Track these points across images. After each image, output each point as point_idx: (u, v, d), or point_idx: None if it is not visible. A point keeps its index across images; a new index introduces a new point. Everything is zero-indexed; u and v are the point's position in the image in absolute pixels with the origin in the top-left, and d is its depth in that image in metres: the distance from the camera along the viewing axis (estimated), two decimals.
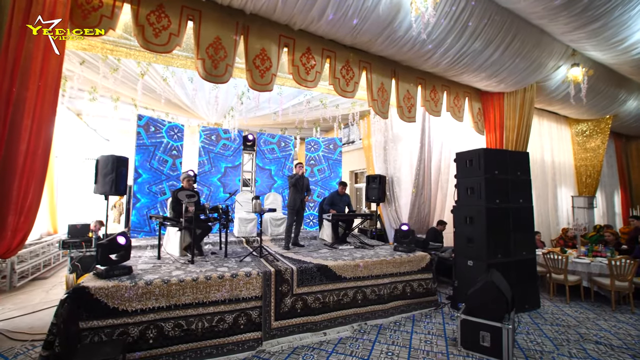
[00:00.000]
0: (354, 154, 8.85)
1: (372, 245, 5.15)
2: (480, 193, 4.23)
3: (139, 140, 5.09)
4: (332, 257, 4.11)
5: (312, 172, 7.00)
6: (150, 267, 3.37)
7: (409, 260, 4.32)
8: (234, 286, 3.15)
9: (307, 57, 4.64)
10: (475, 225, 4.26)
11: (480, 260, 4.18)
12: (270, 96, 6.10)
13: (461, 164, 4.59)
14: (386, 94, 5.39)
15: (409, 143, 6.51)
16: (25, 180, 2.93)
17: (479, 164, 4.28)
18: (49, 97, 3.08)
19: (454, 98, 6.20)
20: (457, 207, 4.61)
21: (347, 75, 4.99)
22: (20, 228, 2.94)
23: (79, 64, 4.63)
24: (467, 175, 4.49)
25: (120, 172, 4.43)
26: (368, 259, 4.04)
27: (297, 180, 4.84)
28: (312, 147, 7.08)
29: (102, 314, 2.63)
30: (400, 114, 5.58)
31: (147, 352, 2.74)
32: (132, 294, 2.75)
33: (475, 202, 4.30)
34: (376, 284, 3.99)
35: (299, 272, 3.51)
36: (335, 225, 5.32)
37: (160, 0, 3.70)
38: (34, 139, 2.98)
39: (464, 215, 4.45)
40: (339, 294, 3.71)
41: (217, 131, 6.11)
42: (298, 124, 7.56)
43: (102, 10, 3.44)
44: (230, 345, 3.05)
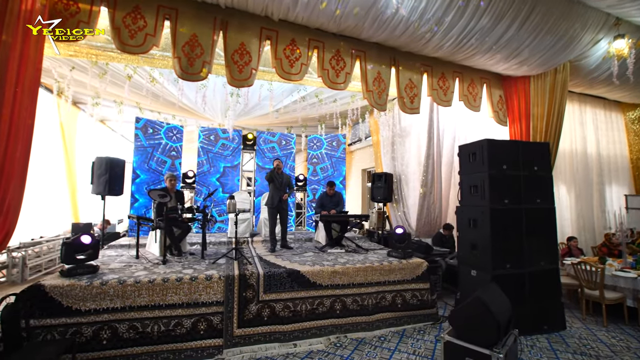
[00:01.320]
0: (365, 151, 8.38)
1: (366, 249, 4.74)
2: (483, 192, 3.63)
3: (136, 142, 5.28)
4: (312, 262, 3.82)
5: (314, 171, 6.74)
6: (121, 266, 3.39)
7: (400, 268, 3.87)
8: (192, 290, 3.03)
9: (291, 49, 4.40)
10: (479, 230, 3.67)
11: (484, 270, 3.59)
12: (268, 94, 5.98)
13: (464, 158, 4.01)
14: (384, 84, 4.94)
15: (417, 137, 5.95)
16: (4, 181, 3.09)
17: (482, 158, 3.68)
18: (26, 103, 3.23)
19: (468, 85, 5.50)
20: (460, 208, 4.03)
21: (337, 65, 4.65)
22: (4, 226, 3.11)
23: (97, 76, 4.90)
24: (469, 171, 3.91)
25: (114, 174, 4.59)
26: (350, 265, 3.68)
27: (273, 176, 4.62)
28: (314, 145, 6.82)
29: (56, 313, 2.66)
30: (401, 105, 5.08)
31: (101, 353, 2.72)
32: (86, 293, 2.75)
33: (479, 203, 3.71)
34: (358, 293, 3.61)
35: (266, 277, 3.29)
36: (328, 227, 5.00)
37: (136, 2, 3.72)
38: (12, 143, 3.14)
39: (467, 217, 3.87)
40: (313, 302, 3.40)
41: (215, 131, 6.14)
42: (302, 122, 7.35)
43: (79, 16, 3.54)
44: (189, 352, 2.93)
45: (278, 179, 4.68)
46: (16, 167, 3.20)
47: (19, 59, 3.16)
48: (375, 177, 6.33)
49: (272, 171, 4.59)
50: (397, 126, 6.40)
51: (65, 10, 3.50)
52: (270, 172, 4.57)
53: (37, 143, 5.49)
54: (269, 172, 4.60)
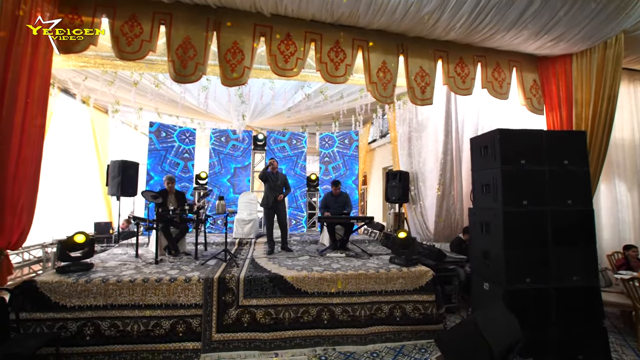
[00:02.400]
0: (387, 148, 7.88)
1: (369, 254, 4.38)
2: (496, 191, 3.09)
3: (150, 145, 5.56)
4: (302, 267, 3.60)
5: (326, 170, 6.50)
6: (116, 265, 3.53)
7: (399, 277, 3.47)
8: (171, 291, 3.02)
9: (286, 44, 4.24)
10: (492, 236, 3.14)
11: (497, 283, 3.05)
12: (281, 94, 5.90)
13: (475, 152, 3.48)
14: (390, 74, 4.54)
15: (434, 132, 5.39)
16: (17, 185, 3.40)
17: (493, 152, 3.14)
18: (35, 113, 3.52)
19: (493, 70, 4.82)
20: (472, 210, 3.50)
21: (336, 58, 4.38)
22: (16, 226, 3.42)
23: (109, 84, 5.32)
24: (481, 167, 3.37)
25: (127, 175, 4.86)
26: (340, 272, 3.39)
27: (267, 176, 4.48)
28: (326, 143, 6.58)
29: (45, 307, 2.82)
30: (411, 96, 4.62)
31: (84, 349, 2.82)
32: (72, 290, 2.88)
33: (491, 204, 3.17)
34: (349, 303, 3.31)
35: (247, 281, 3.16)
36: (331, 230, 4.74)
37: (133, 11, 3.86)
38: (24, 150, 3.44)
39: (479, 221, 3.35)
40: (298, 310, 3.19)
41: (226, 132, 6.23)
42: (317, 120, 7.17)
43: (83, 28, 3.78)
44: (167, 353, 2.92)
45: (273, 179, 4.55)
46: (28, 171, 3.50)
47: (28, 73, 3.44)
48: (389, 176, 5.90)
49: (265, 170, 4.47)
50: (414, 120, 5.88)
51: (70, 24, 3.75)
52: (263, 171, 4.45)
53: (72, 148, 6.07)
54: (262, 170, 4.48)
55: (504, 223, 2.97)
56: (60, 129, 5.49)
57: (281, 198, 4.50)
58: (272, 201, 4.48)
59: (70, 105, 5.70)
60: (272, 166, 4.52)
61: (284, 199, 4.63)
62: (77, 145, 6.08)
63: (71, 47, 3.75)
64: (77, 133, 6.09)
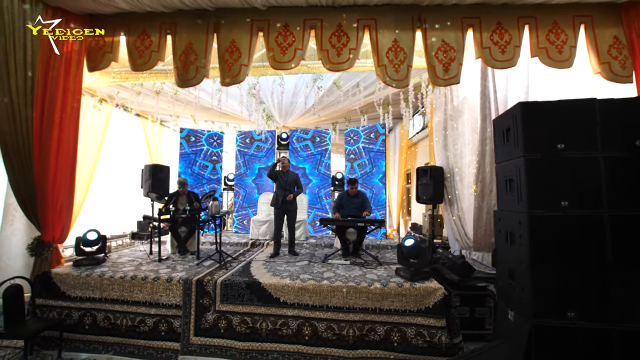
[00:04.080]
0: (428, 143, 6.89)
1: (379, 263, 3.80)
2: (519, 189, 2.27)
3: (181, 150, 5.99)
4: (290, 274, 3.30)
5: (352, 168, 6.01)
6: (125, 261, 3.81)
7: (399, 293, 2.88)
8: (154, 290, 3.08)
9: (283, 35, 4.01)
10: (516, 248, 2.33)
11: (523, 314, 2.24)
12: (304, 90, 5.69)
13: (498, 137, 2.66)
14: (402, 53, 3.89)
15: (470, 117, 4.45)
16: (56, 189, 3.97)
17: (515, 135, 2.32)
18: (69, 126, 4.06)
19: (548, 32, 3.71)
20: (497, 214, 2.69)
21: (338, 43, 3.96)
22: (57, 223, 4.01)
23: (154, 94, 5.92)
24: (504, 156, 2.56)
25: (158, 178, 5.30)
26: (325, 282, 2.98)
27: (275, 174, 4.26)
28: (351, 139, 6.09)
29: (55, 296, 3.18)
30: (432, 76, 3.88)
31: (84, 336, 3.08)
32: (76, 282, 3.18)
33: (514, 206, 2.35)
34: (335, 319, 2.87)
35: (224, 285, 3.02)
36: (340, 233, 4.30)
37: (144, 26, 4.16)
38: (61, 160, 4.00)
39: (504, 228, 2.54)
40: (276, 321, 2.91)
41: (250, 134, 6.32)
42: (345, 115, 6.74)
43: (105, 48, 4.23)
44: (150, 350, 2.98)
45: (283, 178, 4.35)
46: (64, 177, 4.05)
47: (62, 92, 3.99)
48: (419, 173, 5.13)
49: (273, 167, 4.28)
50: (449, 105, 4.96)
51: (96, 45, 4.23)
52: (271, 169, 4.27)
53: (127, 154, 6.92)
54: (270, 167, 4.29)
55: (531, 232, 2.15)
56: (116, 138, 6.34)
57: (290, 198, 4.27)
58: (281, 201, 4.28)
59: (126, 116, 6.55)
60: (282, 164, 4.33)
61: (294, 199, 4.39)
62: (132, 152, 6.91)
63: (97, 65, 4.23)
64: (133, 141, 6.93)
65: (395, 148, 8.94)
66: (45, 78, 3.87)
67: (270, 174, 4.28)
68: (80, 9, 3.99)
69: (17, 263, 4.02)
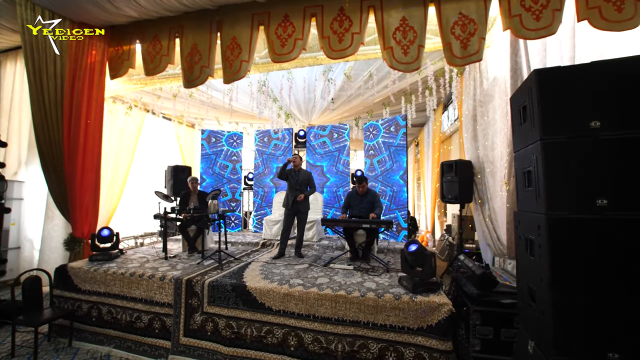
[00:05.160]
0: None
1: (387, 269, 3.38)
2: (536, 184, 1.75)
3: (202, 151, 6.17)
4: (281, 278, 3.09)
5: (371, 165, 5.59)
6: (136, 257, 3.97)
7: (395, 307, 2.48)
8: (149, 287, 3.12)
9: (283, 26, 3.84)
10: (536, 262, 1.81)
11: (543, 347, 1.72)
12: (324, 87, 5.45)
13: (515, 119, 2.12)
14: (412, 32, 3.43)
15: (502, 102, 3.77)
16: (83, 190, 4.32)
17: (532, 114, 1.79)
18: (93, 133, 4.40)
19: None
20: (517, 215, 2.16)
21: (340, 28, 3.65)
22: (84, 221, 4.37)
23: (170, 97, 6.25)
24: (521, 142, 2.02)
25: (179, 179, 5.53)
26: (313, 290, 2.70)
27: (286, 174, 4.07)
28: (370, 134, 5.66)
29: (70, 288, 3.41)
30: (448, 55, 3.36)
31: (91, 327, 3.25)
32: (85, 276, 3.37)
33: (532, 206, 1.83)
34: (322, 331, 2.58)
35: (211, 286, 2.92)
36: (348, 235, 3.96)
37: (155, 32, 4.32)
38: (87, 162, 4.34)
39: (523, 234, 2.02)
40: (261, 328, 2.72)
41: (268, 132, 6.26)
42: (367, 109, 6.34)
43: (123, 56, 4.50)
44: (145, 347, 3.02)
45: (294, 177, 4.15)
46: (90, 178, 4.39)
47: (87, 100, 4.33)
48: (444, 168, 4.54)
49: (284, 166, 4.10)
50: (477, 90, 4.27)
51: (115, 54, 4.53)
52: (281, 169, 4.09)
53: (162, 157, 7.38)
54: (281, 167, 4.12)
55: (551, 240, 1.64)
56: (150, 141, 6.79)
57: (301, 198, 4.05)
58: (291, 202, 4.09)
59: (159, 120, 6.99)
60: (294, 163, 4.16)
61: (306, 199, 4.16)
62: (165, 154, 7.35)
63: (117, 73, 4.52)
64: (166, 144, 7.38)
65: (429, 143, 8.21)
66: (72, 88, 4.23)
67: (281, 174, 4.11)
68: (99, 22, 4.28)
69: (56, 256, 4.47)
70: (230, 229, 6.25)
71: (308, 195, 4.12)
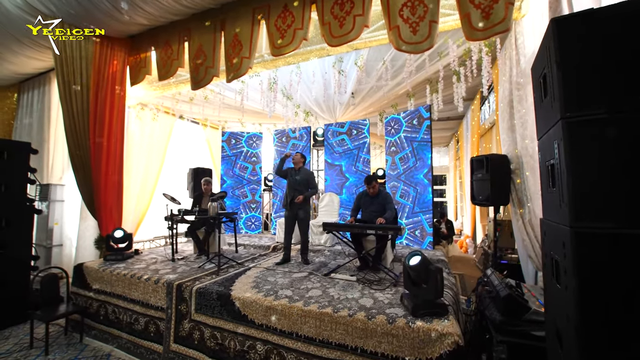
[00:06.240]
0: None
1: (394, 282, 2.92)
2: (559, 182, 1.24)
3: (223, 153, 6.22)
4: (272, 287, 2.83)
5: (393, 163, 5.06)
6: (147, 258, 4.05)
7: (388, 332, 2.06)
8: (145, 290, 3.11)
9: (282, 17, 3.63)
10: (562, 292, 1.29)
11: None
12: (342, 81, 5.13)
13: (537, 93, 1.59)
14: (422, 6, 2.96)
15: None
16: (107, 191, 4.59)
17: (552, 85, 1.27)
18: (116, 139, 4.64)
19: None
20: (543, 224, 1.62)
21: (341, 12, 3.32)
22: (109, 221, 4.63)
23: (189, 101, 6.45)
24: (543, 125, 1.49)
25: (199, 181, 5.62)
26: (297, 304, 2.40)
27: (285, 172, 3.83)
28: (392, 129, 5.13)
29: (84, 285, 3.58)
30: (466, 28, 2.82)
31: (98, 325, 3.37)
32: (95, 276, 3.51)
33: (556, 214, 1.31)
34: (305, 352, 2.26)
35: (198, 293, 2.79)
36: (356, 242, 3.56)
37: (166, 37, 4.42)
38: (110, 165, 4.60)
39: (549, 250, 1.49)
40: (244, 342, 2.50)
41: (286, 132, 6.09)
42: (391, 101, 5.83)
43: (141, 64, 4.69)
44: (142, 349, 3.02)
45: (293, 176, 3.92)
46: (114, 181, 4.64)
47: (109, 108, 4.60)
48: (473, 165, 3.89)
49: (281, 163, 3.88)
50: (514, 70, 3.54)
51: (134, 62, 4.75)
52: (279, 166, 3.87)
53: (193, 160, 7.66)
54: (277, 164, 3.91)
55: (579, 264, 1.12)
56: (181, 145, 7.11)
57: (300, 200, 3.80)
58: (289, 203, 3.87)
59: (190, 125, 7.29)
60: (294, 160, 3.93)
61: (306, 201, 3.90)
62: (196, 157, 7.62)
63: (135, 80, 4.73)
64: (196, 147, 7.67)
65: (467, 138, 7.34)
66: (96, 96, 4.50)
67: (279, 171, 3.90)
68: (118, 33, 4.51)
69: (89, 254, 4.82)
70: (251, 231, 6.21)
71: (308, 197, 3.83)
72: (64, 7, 3.83)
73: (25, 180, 3.91)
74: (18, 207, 3.77)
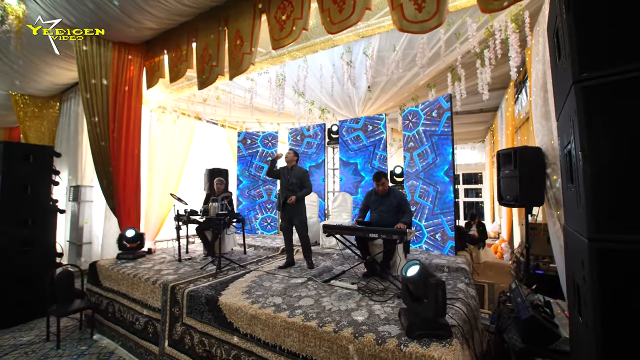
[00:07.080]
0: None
1: (399, 295, 2.58)
2: (577, 175, 0.88)
3: (239, 153, 6.21)
4: (263, 293, 2.65)
5: (411, 160, 4.64)
6: (156, 258, 4.10)
7: (375, 355, 1.76)
8: (144, 290, 3.10)
9: (282, 8, 3.47)
10: (584, 323, 0.93)
11: None
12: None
13: (552, 57, 1.21)
14: None
15: None
16: (125, 192, 4.77)
17: (563, 39, 0.92)
18: (133, 139, 4.81)
19: None
20: (566, 233, 1.24)
21: None
22: (128, 221, 4.80)
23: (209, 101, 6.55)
24: (560, 96, 1.12)
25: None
26: (281, 314, 2.19)
27: (277, 172, 3.64)
28: (410, 123, 4.70)
29: (96, 283, 3.71)
30: (481, 1, 2.39)
31: (107, 322, 3.44)
32: (106, 274, 3.61)
33: (575, 220, 0.95)
34: None
35: (189, 296, 2.70)
36: (362, 246, 3.26)
37: (176, 40, 4.47)
38: (128, 167, 4.78)
39: (571, 266, 1.12)
40: (230, 351, 2.35)
41: (301, 130, 5.91)
42: (413, 94, 5.42)
43: (154, 68, 4.81)
44: (141, 349, 3.02)
45: (285, 176, 3.71)
46: (132, 182, 4.82)
47: (127, 111, 4.78)
48: (500, 159, 3.40)
49: (273, 162, 3.69)
50: (547, 51, 3.00)
51: (149, 66, 4.89)
52: (270, 166, 3.69)
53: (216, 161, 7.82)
54: (270, 162, 3.71)
55: (600, 288, 0.77)
56: (205, 146, 7.29)
57: (292, 200, 3.53)
58: (282, 204, 3.64)
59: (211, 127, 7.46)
60: (286, 158, 3.75)
61: (300, 202, 3.65)
62: (219, 157, 7.77)
63: (151, 83, 4.87)
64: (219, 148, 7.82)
65: (502, 131, 6.61)
66: (115, 101, 4.70)
67: (269, 172, 3.70)
68: (132, 38, 4.66)
69: (113, 251, 5.05)
70: (267, 232, 6.14)
71: (301, 197, 3.58)
72: (82, 17, 4.02)
73: (49, 181, 4.16)
74: (43, 207, 4.02)
